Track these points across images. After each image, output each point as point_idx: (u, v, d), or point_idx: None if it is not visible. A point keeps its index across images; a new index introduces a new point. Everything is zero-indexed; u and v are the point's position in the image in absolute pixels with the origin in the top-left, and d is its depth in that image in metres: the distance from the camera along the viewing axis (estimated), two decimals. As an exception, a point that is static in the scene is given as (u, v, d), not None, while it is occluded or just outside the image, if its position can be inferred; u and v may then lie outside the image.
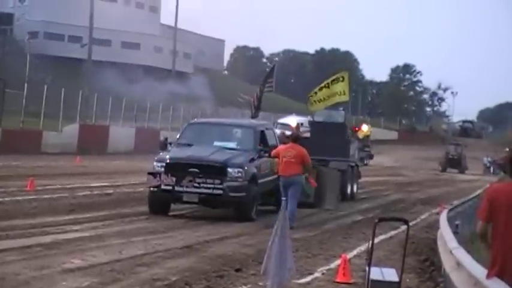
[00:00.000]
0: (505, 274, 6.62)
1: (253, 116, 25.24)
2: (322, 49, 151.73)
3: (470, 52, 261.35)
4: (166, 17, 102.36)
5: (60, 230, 14.63)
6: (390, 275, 9.53)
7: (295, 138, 18.50)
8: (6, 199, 18.79)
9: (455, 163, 61.06)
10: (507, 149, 61.44)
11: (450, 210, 17.04)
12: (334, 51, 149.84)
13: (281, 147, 18.49)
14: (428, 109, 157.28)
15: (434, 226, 17.81)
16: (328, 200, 21.94)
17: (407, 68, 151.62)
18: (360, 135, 43.77)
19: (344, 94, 25.05)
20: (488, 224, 6.84)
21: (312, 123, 27.84)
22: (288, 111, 56.79)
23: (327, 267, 12.46)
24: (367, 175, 33.77)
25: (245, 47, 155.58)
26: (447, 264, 9.82)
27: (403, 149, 78.42)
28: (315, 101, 25.55)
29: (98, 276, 10.48)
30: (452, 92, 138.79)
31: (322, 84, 25.58)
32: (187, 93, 74.42)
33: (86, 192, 22.09)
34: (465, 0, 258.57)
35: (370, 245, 9.42)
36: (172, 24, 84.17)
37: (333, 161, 24.14)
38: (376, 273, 9.37)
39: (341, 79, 25.14)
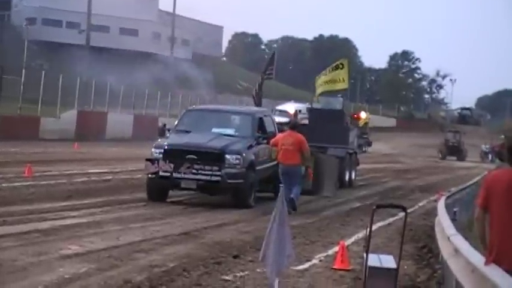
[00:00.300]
0: (502, 261, 6.63)
1: (258, 105, 25.11)
2: (321, 36, 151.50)
3: (469, 39, 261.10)
4: (164, 3, 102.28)
5: (58, 216, 14.63)
6: (388, 261, 9.54)
7: (293, 125, 18.72)
8: (4, 185, 18.78)
9: (454, 150, 61.04)
10: (503, 136, 61.68)
11: (448, 197, 17.04)
12: (333, 38, 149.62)
13: (279, 135, 18.67)
14: (426, 96, 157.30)
15: (432, 213, 17.82)
16: (326, 187, 21.94)
17: (405, 55, 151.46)
18: (359, 122, 43.80)
19: (343, 81, 25.27)
20: (485, 211, 6.83)
21: (310, 110, 27.87)
22: (287, 98, 56.92)
23: (325, 254, 12.47)
24: (365, 162, 33.82)
25: (243, 34, 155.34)
26: (445, 251, 9.82)
27: (401, 136, 78.50)
28: (316, 86, 25.86)
29: (95, 263, 10.48)
30: (450, 79, 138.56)
31: (323, 72, 25.80)
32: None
33: (83, 178, 22.08)
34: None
35: (368, 232, 9.42)
36: (171, 11, 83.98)
37: (331, 147, 24.11)
38: (373, 260, 9.37)
39: (341, 66, 25.34)
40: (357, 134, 30.39)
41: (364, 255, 9.47)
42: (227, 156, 17.55)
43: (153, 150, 18.00)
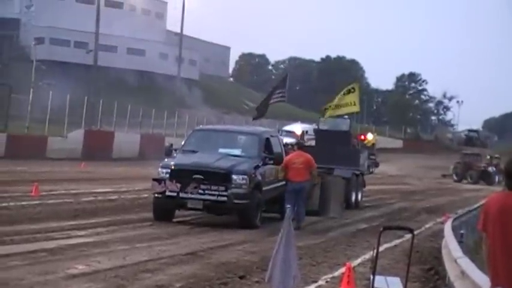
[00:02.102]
0: (498, 283, 6.61)
1: (254, 118, 25.51)
2: (328, 57, 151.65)
3: (476, 61, 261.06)
4: (172, 23, 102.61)
5: (65, 235, 14.65)
6: (394, 283, 9.51)
7: (301, 145, 19.94)
8: (11, 204, 18.82)
9: (484, 175, 58.93)
10: (497, 156, 61.05)
11: (455, 219, 17.01)
12: (340, 59, 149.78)
13: (290, 155, 19.23)
14: (433, 118, 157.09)
15: (438, 235, 17.77)
16: (332, 208, 21.93)
17: (412, 77, 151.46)
18: (367, 143, 43.74)
19: (355, 105, 25.70)
20: (485, 234, 6.82)
21: (317, 131, 27.91)
22: (293, 119, 56.91)
23: (331, 275, 12.43)
24: (371, 183, 33.75)
25: (251, 54, 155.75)
26: (452, 273, 9.81)
27: (408, 157, 78.31)
28: (326, 109, 26.14)
29: (102, 282, 10.47)
30: (457, 101, 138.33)
31: (336, 96, 26.18)
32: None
33: (90, 198, 22.11)
34: (471, 10, 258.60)
35: (374, 254, 9.39)
36: (178, 31, 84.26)
37: (337, 168, 24.12)
38: (380, 281, 9.34)
39: (352, 90, 25.71)
40: (367, 156, 30.40)
41: (371, 277, 9.44)
42: (234, 176, 17.56)
43: (159, 169, 18.03)
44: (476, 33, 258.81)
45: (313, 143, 27.21)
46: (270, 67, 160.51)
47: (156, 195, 17.81)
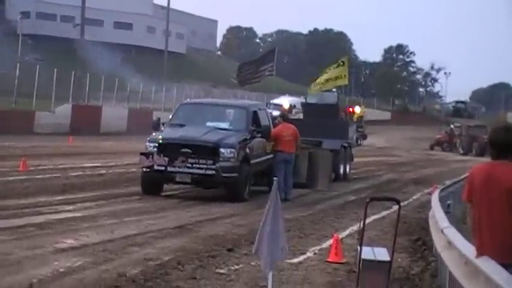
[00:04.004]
0: (483, 254, 6.65)
1: (239, 81, 26.09)
2: (316, 29, 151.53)
3: (464, 32, 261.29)
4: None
5: (53, 210, 14.65)
6: (382, 254, 9.56)
7: (286, 117, 20.30)
8: (-1, 179, 18.77)
9: (485, 147, 56.00)
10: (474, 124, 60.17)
11: (442, 190, 17.07)
12: (328, 32, 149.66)
13: (279, 128, 19.39)
14: (421, 90, 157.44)
15: (426, 206, 17.85)
16: (320, 181, 21.96)
17: (400, 49, 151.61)
18: (354, 117, 43.78)
19: (344, 77, 25.79)
20: (471, 204, 6.85)
21: (304, 105, 27.96)
22: (281, 92, 56.86)
23: (319, 247, 12.50)
24: (359, 155, 33.81)
25: (238, 28, 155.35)
26: (438, 244, 9.86)
27: (396, 129, 78.45)
28: (314, 85, 26.18)
29: (90, 256, 10.49)
30: (445, 73, 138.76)
31: (325, 70, 26.25)
32: None
33: (78, 172, 22.08)
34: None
35: (361, 225, 9.44)
36: (165, 5, 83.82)
37: (325, 141, 24.15)
38: (367, 252, 9.39)
39: (341, 63, 25.82)
40: (355, 129, 30.48)
41: (358, 248, 9.49)
42: (221, 149, 17.56)
43: (147, 144, 18.01)
44: (464, 4, 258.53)
45: (301, 116, 27.25)
46: (257, 40, 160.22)
47: (144, 169, 17.81)
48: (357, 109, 51.11)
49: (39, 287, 8.78)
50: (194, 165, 17.39)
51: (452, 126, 64.86)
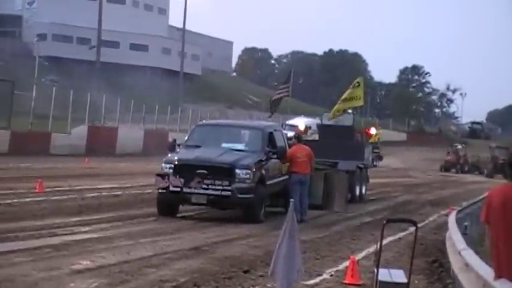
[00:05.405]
0: (501, 276, 6.60)
1: (269, 116, 26.40)
2: (331, 50, 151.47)
3: (479, 53, 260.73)
4: (174, 18, 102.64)
5: (69, 231, 14.67)
6: (398, 276, 9.52)
7: (300, 138, 20.34)
8: (15, 201, 18.83)
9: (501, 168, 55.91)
10: (492, 145, 59.54)
11: (459, 211, 17.00)
12: (343, 53, 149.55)
13: (293, 149, 19.47)
14: (437, 110, 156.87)
15: (443, 227, 17.77)
16: (336, 202, 21.93)
17: (415, 69, 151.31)
18: (369, 138, 43.62)
19: (359, 99, 25.75)
20: (488, 225, 6.82)
21: (320, 126, 27.95)
22: (296, 113, 56.82)
23: (336, 269, 12.45)
24: (375, 176, 33.72)
25: (253, 49, 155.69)
26: (456, 266, 9.81)
27: (412, 150, 78.22)
28: (333, 112, 26.29)
29: (106, 278, 10.49)
30: (461, 94, 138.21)
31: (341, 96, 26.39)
32: None
33: (94, 193, 22.12)
34: (474, 1, 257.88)
35: (378, 247, 9.40)
36: (181, 26, 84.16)
37: (341, 162, 24.12)
38: (384, 274, 9.35)
39: (357, 84, 25.81)
40: (371, 150, 30.36)
41: (375, 269, 9.45)
42: (237, 171, 17.56)
43: (163, 165, 18.04)
44: (479, 25, 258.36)
45: (316, 137, 27.23)
46: (272, 61, 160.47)
47: (159, 190, 17.83)
48: (373, 131, 50.91)
49: (55, 308, 8.77)
50: (210, 186, 17.40)
51: (459, 146, 64.14)
